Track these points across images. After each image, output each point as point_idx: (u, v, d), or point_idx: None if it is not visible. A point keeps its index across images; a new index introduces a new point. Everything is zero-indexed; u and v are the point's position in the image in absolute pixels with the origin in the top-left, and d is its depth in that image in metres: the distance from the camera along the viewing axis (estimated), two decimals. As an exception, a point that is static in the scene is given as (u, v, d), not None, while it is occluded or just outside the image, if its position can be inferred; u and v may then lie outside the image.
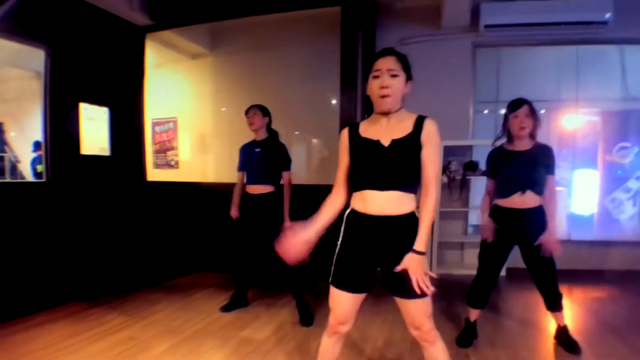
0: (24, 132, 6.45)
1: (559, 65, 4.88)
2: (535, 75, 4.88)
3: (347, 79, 4.00)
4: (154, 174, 5.17)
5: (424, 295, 1.53)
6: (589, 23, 4.18)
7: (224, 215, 3.39)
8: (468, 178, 4.67)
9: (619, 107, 4.77)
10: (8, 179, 6.36)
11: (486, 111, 5.15)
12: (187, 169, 5.36)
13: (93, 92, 4.05)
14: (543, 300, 2.58)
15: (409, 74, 1.62)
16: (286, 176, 3.26)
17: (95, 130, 4.08)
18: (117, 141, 4.33)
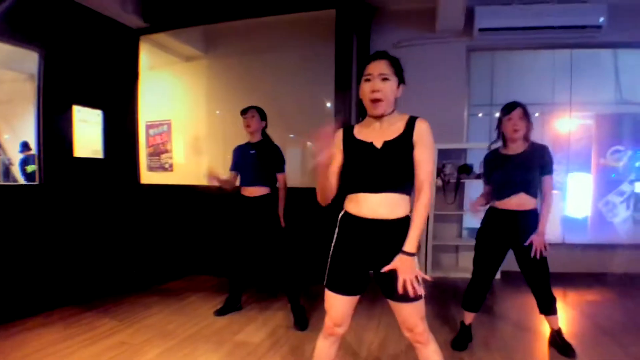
0: (17, 135, 6.39)
1: (553, 69, 4.90)
2: (529, 79, 4.91)
3: (342, 82, 4.00)
4: (147, 177, 5.13)
5: (417, 298, 1.52)
6: (583, 27, 4.21)
7: (218, 218, 3.37)
8: (462, 181, 4.67)
9: (613, 111, 4.81)
10: (1, 181, 6.30)
11: (480, 114, 5.17)
12: (182, 171, 5.32)
13: (86, 95, 4.03)
14: (537, 303, 2.59)
15: (401, 78, 1.62)
16: (281, 178, 3.25)
17: (88, 132, 4.06)
18: (111, 144, 4.31)
